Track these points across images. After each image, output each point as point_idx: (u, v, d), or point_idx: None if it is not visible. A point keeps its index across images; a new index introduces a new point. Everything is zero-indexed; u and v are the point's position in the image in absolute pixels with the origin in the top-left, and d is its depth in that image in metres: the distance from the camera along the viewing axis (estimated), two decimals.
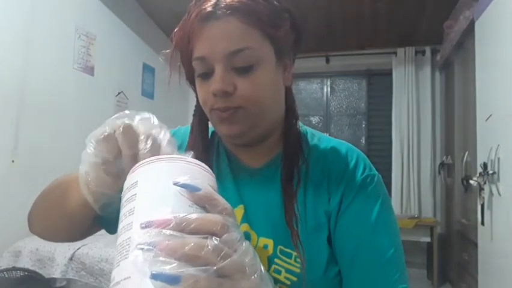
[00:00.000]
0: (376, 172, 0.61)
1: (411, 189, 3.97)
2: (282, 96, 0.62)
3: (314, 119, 4.56)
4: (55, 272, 2.04)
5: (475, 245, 2.35)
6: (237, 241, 0.33)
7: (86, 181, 0.44)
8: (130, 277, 0.30)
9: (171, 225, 0.31)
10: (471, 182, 2.33)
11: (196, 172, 0.38)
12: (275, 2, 0.57)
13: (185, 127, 0.71)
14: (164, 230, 0.31)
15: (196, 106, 0.65)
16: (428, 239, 3.55)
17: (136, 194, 0.35)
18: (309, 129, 0.68)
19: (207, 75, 0.56)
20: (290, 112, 0.64)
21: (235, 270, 0.32)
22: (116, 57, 3.18)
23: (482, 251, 2.23)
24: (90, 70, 2.84)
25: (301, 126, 0.66)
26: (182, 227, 0.31)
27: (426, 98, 4.02)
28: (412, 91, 4.01)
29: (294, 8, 0.60)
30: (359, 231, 0.56)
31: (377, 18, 3.51)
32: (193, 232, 0.31)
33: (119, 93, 3.21)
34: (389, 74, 4.17)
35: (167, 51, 0.60)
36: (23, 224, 0.64)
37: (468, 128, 2.73)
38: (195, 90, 0.60)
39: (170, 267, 0.29)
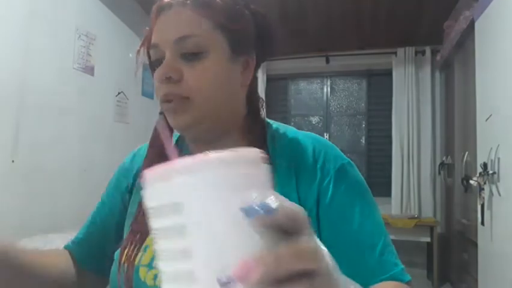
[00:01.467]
0: (347, 159, 0.61)
1: (411, 189, 3.97)
2: (238, 93, 0.61)
3: (314, 119, 4.56)
4: None
5: (475, 245, 2.35)
6: (328, 269, 0.27)
7: None
8: None
9: (259, 278, 0.24)
10: (471, 182, 2.33)
11: (258, 178, 0.28)
12: (239, 0, 0.59)
13: (146, 145, 0.69)
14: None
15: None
16: (428, 239, 3.55)
17: (186, 227, 0.26)
18: (275, 124, 0.66)
19: (159, 62, 0.56)
20: (253, 113, 0.63)
21: None
22: (116, 57, 3.17)
23: (482, 251, 2.23)
24: (90, 70, 2.83)
25: (267, 121, 0.66)
26: (274, 277, 0.24)
27: (426, 98, 4.02)
28: (412, 91, 4.00)
29: (262, 9, 0.61)
30: (344, 223, 0.56)
31: (377, 18, 3.51)
32: (287, 277, 0.25)
33: (119, 93, 3.21)
34: (389, 74, 4.16)
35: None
36: (23, 224, 0.63)
37: (468, 128, 2.73)
38: None
39: None
